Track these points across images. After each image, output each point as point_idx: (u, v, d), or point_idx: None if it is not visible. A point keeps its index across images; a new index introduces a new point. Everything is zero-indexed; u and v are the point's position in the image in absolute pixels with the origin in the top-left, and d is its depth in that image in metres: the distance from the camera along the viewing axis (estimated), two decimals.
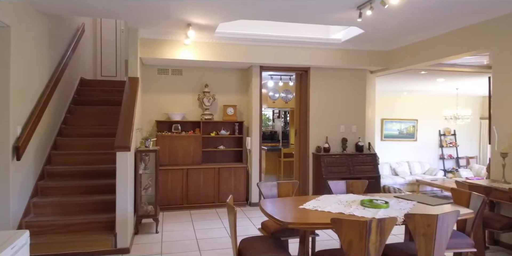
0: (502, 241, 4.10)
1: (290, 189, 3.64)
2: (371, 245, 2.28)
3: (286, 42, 5.59)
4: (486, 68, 6.13)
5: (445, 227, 2.44)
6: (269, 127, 10.80)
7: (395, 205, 3.01)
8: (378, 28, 4.92)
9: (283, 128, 10.10)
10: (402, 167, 9.64)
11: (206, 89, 6.01)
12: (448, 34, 4.82)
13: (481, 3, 3.88)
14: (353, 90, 6.34)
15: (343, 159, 5.92)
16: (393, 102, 9.84)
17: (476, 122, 10.28)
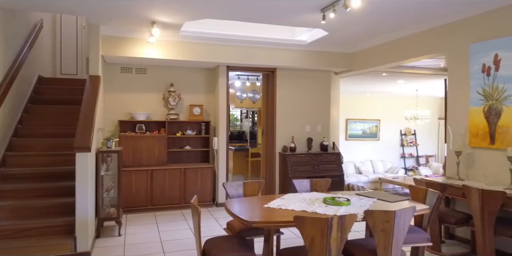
0: (457, 235, 4.32)
1: (256, 188, 3.65)
2: (332, 242, 2.33)
3: (253, 42, 5.61)
4: (442, 71, 6.44)
5: (402, 223, 2.54)
6: (237, 127, 10.80)
7: (356, 202, 3.10)
8: (342, 30, 5.05)
9: (251, 128, 10.14)
10: (366, 165, 9.94)
11: (172, 89, 5.92)
12: (407, 37, 5.03)
13: (437, 9, 4.08)
14: (318, 90, 6.46)
15: (308, 158, 6.02)
16: (357, 103, 10.13)
17: (435, 122, 10.77)
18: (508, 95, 3.67)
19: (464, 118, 4.16)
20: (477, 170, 4.03)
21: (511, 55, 3.63)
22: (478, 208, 3.42)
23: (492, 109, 3.83)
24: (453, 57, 4.38)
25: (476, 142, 4.00)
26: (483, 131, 3.92)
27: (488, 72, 3.88)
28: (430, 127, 10.64)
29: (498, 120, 3.77)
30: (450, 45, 4.39)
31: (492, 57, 3.83)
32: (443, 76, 6.63)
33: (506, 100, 3.69)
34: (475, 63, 4.01)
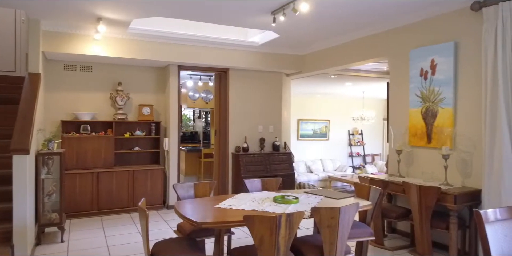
0: (398, 229, 4.59)
1: (207, 189, 3.63)
2: (281, 239, 2.39)
3: (205, 42, 5.57)
4: (385, 74, 6.82)
5: (347, 219, 2.66)
6: (190, 128, 10.66)
7: (304, 200, 3.19)
8: (292, 33, 5.17)
9: (204, 128, 10.05)
10: (316, 164, 10.25)
11: (120, 88, 5.71)
12: (353, 42, 5.26)
13: (379, 15, 4.31)
14: (270, 91, 6.56)
15: (261, 158, 6.09)
16: (308, 104, 10.41)
17: (380, 122, 11.35)
18: (443, 98, 3.97)
19: (404, 119, 4.44)
20: (416, 167, 4.31)
21: (446, 60, 3.93)
22: (417, 203, 3.66)
23: (429, 111, 4.12)
24: (394, 61, 4.65)
25: (415, 141, 4.28)
26: (421, 131, 4.20)
27: (425, 76, 4.17)
28: (376, 127, 11.20)
29: (434, 120, 4.06)
30: (392, 50, 4.66)
31: (429, 62, 4.12)
32: (386, 79, 7.01)
33: (441, 102, 3.99)
34: (414, 67, 4.29)
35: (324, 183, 9.58)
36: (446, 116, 3.91)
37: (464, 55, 3.79)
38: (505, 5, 3.27)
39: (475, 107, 3.64)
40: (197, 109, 9.74)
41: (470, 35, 3.70)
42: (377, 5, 3.98)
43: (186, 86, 8.44)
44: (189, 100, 8.57)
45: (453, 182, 3.77)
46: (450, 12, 3.90)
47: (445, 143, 3.85)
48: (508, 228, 2.22)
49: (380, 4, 3.94)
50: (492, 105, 3.34)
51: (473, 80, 3.67)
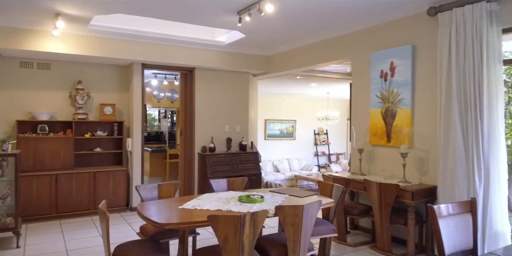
0: (360, 225, 4.74)
1: (172, 190, 3.57)
2: (245, 238, 2.39)
3: (170, 40, 5.48)
4: (349, 75, 7.00)
5: (310, 216, 2.71)
6: (155, 128, 10.45)
7: (269, 199, 3.22)
8: (258, 34, 5.20)
9: (169, 128, 9.88)
10: (283, 164, 10.37)
11: (80, 86, 5.50)
12: (318, 44, 5.37)
13: (342, 18, 4.43)
14: (237, 91, 6.56)
15: (227, 158, 6.08)
16: (275, 104, 10.51)
17: (344, 122, 11.66)
18: (401, 99, 4.14)
19: (366, 119, 4.59)
20: (377, 165, 4.47)
21: (404, 62, 4.10)
22: (377, 200, 3.80)
23: (389, 111, 4.29)
24: (356, 63, 4.79)
25: (376, 140, 4.44)
26: (381, 130, 4.36)
27: (385, 78, 4.33)
28: (340, 127, 11.49)
29: (393, 120, 4.23)
30: (354, 52, 4.80)
31: (388, 64, 4.28)
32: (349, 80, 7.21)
33: (400, 103, 4.16)
34: (375, 69, 4.45)
35: (291, 182, 9.72)
36: (405, 116, 4.08)
37: (421, 58, 3.97)
38: (458, 11, 3.46)
39: (431, 107, 3.83)
40: (163, 108, 9.57)
41: (426, 39, 3.88)
42: (339, 9, 4.09)
43: (151, 85, 8.26)
44: (154, 99, 8.40)
45: (411, 179, 3.95)
46: (408, 17, 4.07)
47: (404, 142, 4.02)
48: (459, 222, 2.36)
49: (342, 8, 4.05)
50: (446, 106, 3.52)
51: (429, 82, 3.86)
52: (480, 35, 3.30)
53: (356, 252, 3.96)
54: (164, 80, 8.09)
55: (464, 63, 3.40)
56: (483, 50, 3.28)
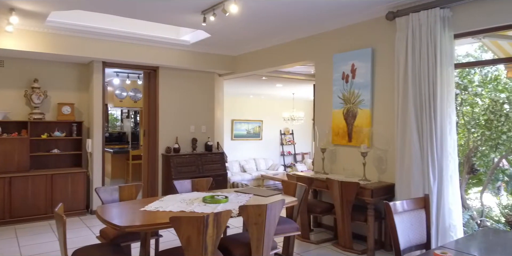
0: (323, 223, 4.85)
1: (133, 192, 3.49)
2: (208, 239, 2.38)
3: (133, 38, 5.35)
4: (313, 77, 7.14)
5: (273, 215, 2.74)
6: (117, 128, 10.15)
7: (234, 199, 3.23)
8: (223, 34, 5.19)
9: (132, 128, 9.63)
10: (250, 164, 10.41)
11: (36, 85, 5.24)
12: (282, 45, 5.44)
13: (305, 21, 4.51)
14: (202, 91, 6.51)
15: (193, 159, 6.02)
16: (242, 104, 10.53)
17: (309, 122, 11.86)
18: (361, 100, 4.28)
19: (328, 119, 4.70)
20: (339, 164, 4.59)
21: (364, 65, 4.24)
22: (338, 198, 3.90)
23: (350, 112, 4.42)
24: (320, 65, 4.90)
25: (338, 140, 4.56)
26: (343, 130, 4.49)
27: (346, 79, 4.46)
28: (305, 127, 11.69)
29: (354, 121, 4.36)
30: (317, 54, 4.90)
31: (350, 66, 4.41)
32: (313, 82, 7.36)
33: (360, 104, 4.30)
34: (337, 71, 4.57)
35: (257, 182, 9.78)
36: (365, 117, 4.22)
37: (380, 60, 4.13)
38: (414, 16, 3.62)
39: (389, 108, 3.98)
40: (125, 108, 9.31)
41: (385, 42, 4.04)
42: (302, 12, 4.17)
43: (113, 84, 8.02)
44: (116, 99, 8.16)
45: (371, 178, 4.09)
46: (368, 20, 4.22)
47: (364, 142, 4.16)
48: (414, 218, 2.48)
49: (304, 11, 4.13)
50: (403, 107, 3.68)
51: (388, 84, 4.01)
52: (434, 39, 3.48)
53: (318, 249, 4.05)
54: (126, 79, 7.88)
55: (419, 66, 3.57)
56: (437, 53, 3.46)
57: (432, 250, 2.02)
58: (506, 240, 2.44)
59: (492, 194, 5.16)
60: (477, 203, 4.93)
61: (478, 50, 5.01)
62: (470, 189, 5.24)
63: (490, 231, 2.94)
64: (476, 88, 4.71)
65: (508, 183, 4.84)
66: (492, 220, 4.79)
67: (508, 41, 4.02)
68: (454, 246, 2.31)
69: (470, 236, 2.69)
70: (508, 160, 4.89)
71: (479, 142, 4.72)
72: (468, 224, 4.55)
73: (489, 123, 4.52)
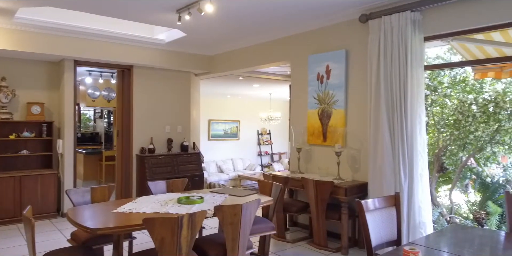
0: (299, 222, 4.90)
1: (106, 194, 3.42)
2: (183, 240, 2.36)
3: (106, 36, 5.23)
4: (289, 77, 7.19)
5: (249, 215, 2.74)
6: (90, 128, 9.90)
7: (209, 200, 3.21)
8: (199, 33, 5.16)
9: (106, 129, 9.41)
10: (227, 164, 10.38)
11: (3, 83, 5.03)
12: (259, 45, 5.45)
13: (281, 22, 4.55)
14: (178, 91, 6.43)
15: (168, 159, 5.94)
16: (219, 104, 10.48)
17: (286, 123, 11.94)
18: (336, 100, 4.35)
19: (304, 119, 4.76)
20: (314, 164, 4.65)
21: (338, 66, 4.32)
22: (313, 196, 3.95)
23: (324, 112, 4.48)
24: (295, 66, 4.95)
25: (313, 139, 4.62)
26: (318, 130, 4.55)
27: (321, 80, 4.53)
28: (282, 127, 11.76)
29: (329, 121, 4.43)
30: (293, 55, 4.95)
31: (324, 67, 4.48)
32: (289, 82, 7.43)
33: (334, 104, 4.37)
34: (312, 72, 4.62)
35: (235, 182, 9.76)
36: (339, 117, 4.30)
37: (353, 62, 4.21)
38: (386, 19, 3.72)
39: (362, 109, 4.07)
40: (98, 108, 9.09)
41: (359, 44, 4.12)
42: (277, 13, 4.19)
43: (85, 83, 7.82)
44: (89, 98, 7.95)
45: (345, 176, 4.16)
46: (342, 22, 4.29)
47: (338, 141, 4.23)
48: (385, 215, 2.54)
49: (279, 12, 4.16)
50: (375, 108, 3.77)
51: (361, 85, 4.10)
52: (405, 42, 3.58)
53: (294, 248, 4.08)
54: (99, 78, 7.70)
55: (391, 68, 3.67)
56: (408, 55, 3.56)
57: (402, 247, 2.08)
58: (474, 236, 2.55)
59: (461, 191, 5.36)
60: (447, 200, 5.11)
61: (447, 52, 5.19)
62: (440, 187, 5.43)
63: (458, 227, 3.06)
64: (446, 89, 4.88)
65: (476, 181, 5.04)
66: (461, 216, 4.97)
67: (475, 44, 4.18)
68: (423, 242, 2.39)
69: (439, 232, 2.78)
70: (476, 158, 5.10)
71: (448, 142, 4.90)
72: (438, 221, 4.71)
73: (457, 123, 4.69)
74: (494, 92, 4.71)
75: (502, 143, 4.54)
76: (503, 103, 4.35)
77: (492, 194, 4.69)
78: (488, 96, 4.62)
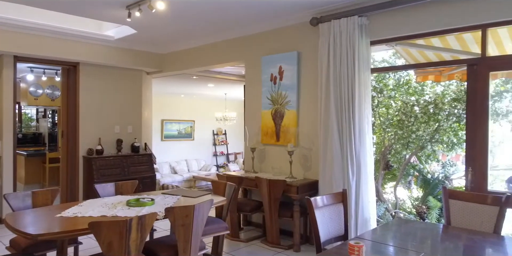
0: (253, 221, 4.93)
1: (49, 197, 3.23)
2: (131, 243, 2.29)
3: (49, 31, 4.92)
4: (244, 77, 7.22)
5: (201, 215, 2.72)
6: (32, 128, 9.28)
7: (160, 201, 3.14)
8: (151, 30, 5.02)
9: (50, 129, 8.87)
10: (181, 165, 10.20)
11: None
12: (213, 45, 5.42)
13: (234, 22, 4.56)
14: (129, 90, 6.22)
15: (117, 161, 5.72)
16: (173, 104, 10.27)
17: (242, 123, 11.92)
18: (288, 101, 4.44)
19: (258, 119, 4.80)
20: (268, 163, 4.71)
21: (291, 67, 4.41)
22: (267, 195, 4.00)
23: (278, 112, 4.56)
24: (249, 66, 4.98)
25: (267, 139, 4.67)
26: (271, 130, 4.61)
27: (274, 81, 4.59)
28: (238, 127, 11.76)
29: (282, 121, 4.51)
30: (247, 55, 4.97)
31: (277, 69, 4.55)
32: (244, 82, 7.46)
33: (287, 104, 4.45)
34: (265, 73, 4.68)
35: (189, 183, 9.61)
36: (291, 117, 4.39)
37: (305, 64, 4.32)
38: (336, 22, 3.85)
39: (313, 109, 4.18)
40: (41, 107, 8.55)
41: (310, 46, 4.23)
42: (230, 13, 4.20)
43: (26, 80, 7.31)
44: (30, 96, 7.45)
45: (297, 175, 4.26)
46: (294, 25, 4.39)
47: (290, 141, 4.32)
48: (333, 212, 2.63)
49: (232, 12, 4.17)
50: (325, 108, 3.90)
51: (312, 86, 4.21)
52: (352, 45, 3.73)
53: (248, 247, 4.11)
54: (42, 76, 7.24)
55: (340, 70, 3.81)
56: (355, 59, 3.71)
57: (347, 241, 2.17)
58: (416, 229, 2.72)
59: (404, 187, 5.70)
60: (392, 196, 5.40)
61: (392, 56, 5.49)
62: (386, 183, 5.72)
63: (402, 221, 3.25)
64: (390, 91, 5.16)
65: (418, 178, 5.38)
66: (405, 211, 5.28)
67: (417, 49, 4.46)
68: (369, 236, 2.51)
69: (385, 226, 2.93)
70: (418, 156, 5.44)
71: (393, 141, 5.18)
72: (384, 216, 4.97)
73: (401, 123, 4.98)
74: (434, 94, 5.06)
75: (441, 142, 4.88)
76: (441, 105, 4.68)
77: (433, 189, 5.02)
78: (428, 98, 4.96)
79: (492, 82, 4.62)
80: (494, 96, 4.85)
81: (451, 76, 4.68)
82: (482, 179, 3.22)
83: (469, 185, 3.27)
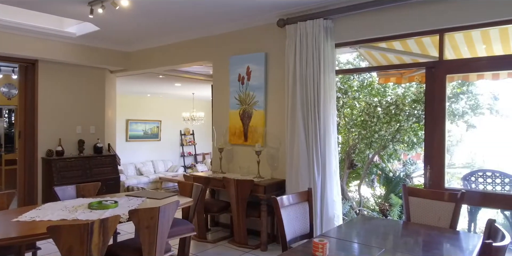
0: (221, 221, 4.91)
1: (4, 201, 3.07)
2: (93, 247, 2.22)
3: (5, 26, 4.66)
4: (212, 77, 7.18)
5: (167, 217, 2.68)
6: None
7: (124, 204, 3.06)
8: (114, 28, 4.88)
9: (6, 129, 8.40)
10: (147, 166, 9.98)
11: None
12: (180, 43, 5.34)
13: (201, 21, 4.52)
14: (91, 88, 6.00)
15: (79, 162, 5.51)
16: (138, 103, 10.04)
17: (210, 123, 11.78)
18: (256, 101, 4.46)
19: (226, 119, 4.78)
20: (235, 163, 4.71)
21: (258, 68, 4.43)
22: (234, 195, 4.00)
23: (246, 112, 4.56)
24: (217, 66, 4.95)
25: (234, 139, 4.67)
26: (239, 130, 4.61)
27: (242, 81, 4.60)
28: (206, 127, 11.67)
29: (250, 121, 4.52)
30: (214, 55, 4.94)
31: (245, 69, 4.56)
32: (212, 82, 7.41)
33: (255, 105, 4.47)
34: (233, 73, 4.67)
35: (155, 185, 9.42)
36: (259, 117, 4.41)
37: (272, 64, 4.35)
38: (302, 24, 3.91)
39: (280, 109, 4.22)
40: None
41: (277, 47, 4.27)
42: (196, 12, 4.16)
43: None
44: None
45: (264, 175, 4.29)
46: (262, 26, 4.41)
47: (258, 141, 4.34)
48: (299, 210, 2.67)
49: (198, 11, 4.14)
50: (292, 109, 3.94)
51: (279, 87, 4.25)
52: (318, 47, 3.80)
53: (215, 248, 4.09)
54: None
55: (306, 71, 3.87)
56: (321, 60, 3.79)
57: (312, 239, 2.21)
58: (378, 226, 2.81)
59: (368, 186, 5.88)
60: (356, 194, 5.56)
61: (356, 58, 5.66)
62: (351, 182, 5.89)
63: (365, 218, 3.35)
64: (355, 92, 5.31)
65: (380, 176, 5.57)
66: (369, 209, 5.46)
67: (379, 52, 4.62)
68: (334, 234, 2.56)
69: (349, 223, 3.01)
70: (380, 155, 5.63)
71: (357, 140, 5.34)
72: (348, 213, 5.10)
73: (364, 124, 5.14)
74: (395, 96, 5.26)
75: (402, 142, 5.08)
76: (402, 106, 4.87)
77: (394, 187, 5.22)
78: (390, 99, 5.14)
79: (449, 84, 4.88)
80: (451, 98, 5.12)
81: (411, 78, 4.89)
82: (440, 177, 3.38)
83: (428, 182, 3.43)
